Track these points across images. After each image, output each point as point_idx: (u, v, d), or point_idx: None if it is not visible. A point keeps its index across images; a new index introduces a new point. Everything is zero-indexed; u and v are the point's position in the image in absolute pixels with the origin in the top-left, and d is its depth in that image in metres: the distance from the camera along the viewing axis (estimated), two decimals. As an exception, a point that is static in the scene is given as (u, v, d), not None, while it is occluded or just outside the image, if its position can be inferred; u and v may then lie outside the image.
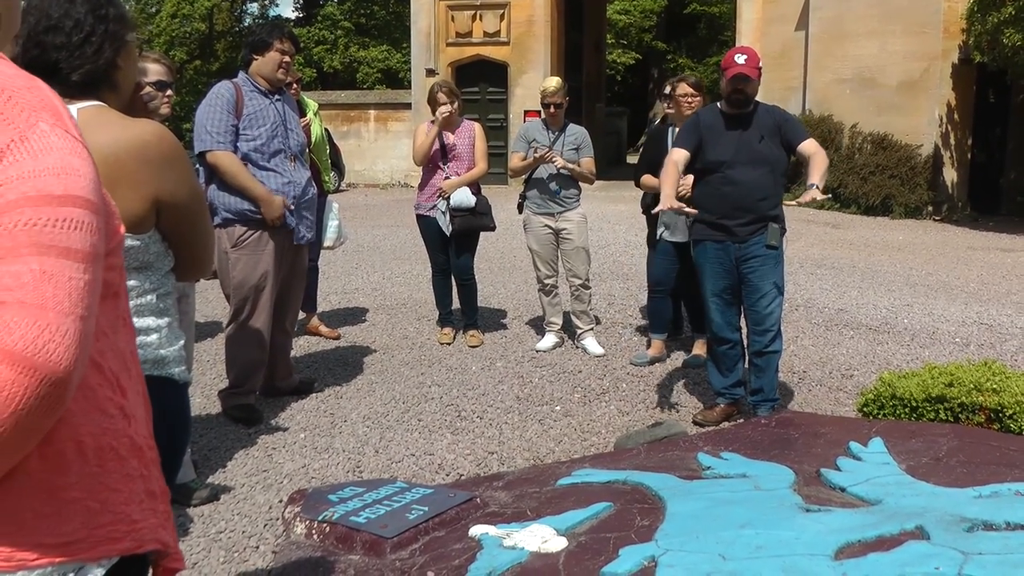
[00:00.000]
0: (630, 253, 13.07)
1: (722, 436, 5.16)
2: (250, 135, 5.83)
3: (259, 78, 5.99)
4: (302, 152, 6.24)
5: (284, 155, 5.99)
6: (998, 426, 5.01)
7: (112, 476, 1.52)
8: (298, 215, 6.04)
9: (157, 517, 1.63)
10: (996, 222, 18.59)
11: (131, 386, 1.61)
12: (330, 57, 36.08)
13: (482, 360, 7.46)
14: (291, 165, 6.03)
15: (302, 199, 6.07)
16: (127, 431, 1.56)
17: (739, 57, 5.71)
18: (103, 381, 1.52)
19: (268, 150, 5.89)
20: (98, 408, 1.50)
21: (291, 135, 6.08)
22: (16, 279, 1.27)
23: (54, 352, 1.26)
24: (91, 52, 2.45)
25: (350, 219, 12.32)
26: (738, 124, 5.78)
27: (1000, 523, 3.62)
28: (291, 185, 5.98)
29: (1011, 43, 16.21)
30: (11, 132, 1.33)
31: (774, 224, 5.72)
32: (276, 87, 6.07)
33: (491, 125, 23.15)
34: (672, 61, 44.11)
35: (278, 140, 5.95)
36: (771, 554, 3.39)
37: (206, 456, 5.29)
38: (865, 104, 19.13)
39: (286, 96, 6.24)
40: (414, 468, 5.22)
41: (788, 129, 5.81)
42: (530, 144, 7.58)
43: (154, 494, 1.63)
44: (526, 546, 3.60)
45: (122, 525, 1.53)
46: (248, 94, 5.92)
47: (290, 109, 6.21)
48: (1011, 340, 8.42)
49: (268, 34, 6.04)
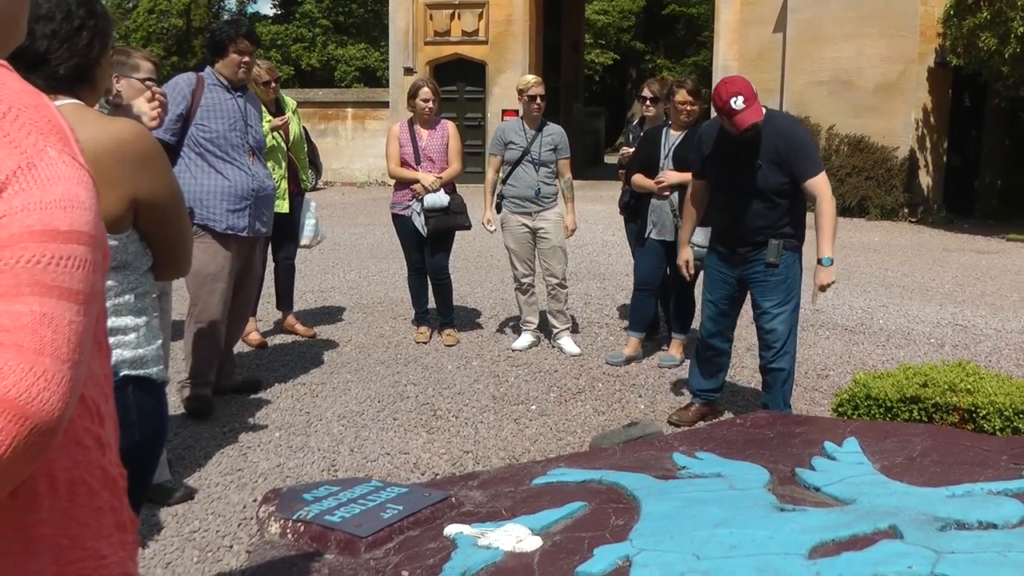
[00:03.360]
0: (607, 253, 13.09)
1: (697, 436, 5.17)
2: (206, 126, 5.89)
3: (222, 76, 6.06)
4: (260, 148, 6.27)
5: (242, 149, 6.04)
6: (972, 426, 5.04)
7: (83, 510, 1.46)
8: (258, 209, 6.08)
9: (125, 550, 1.58)
10: (971, 224, 18.71)
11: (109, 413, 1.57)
12: (308, 55, 36.02)
13: (458, 359, 7.45)
14: (249, 159, 6.08)
15: (260, 193, 6.09)
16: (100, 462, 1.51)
17: (736, 101, 5.26)
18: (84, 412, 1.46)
19: (226, 143, 5.95)
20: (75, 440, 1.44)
21: (251, 131, 6.13)
22: (15, 320, 1.21)
23: (47, 401, 1.20)
24: (81, 45, 2.41)
25: (327, 217, 12.31)
26: (739, 147, 5.48)
27: (973, 522, 3.64)
28: (251, 179, 6.02)
29: (986, 47, 16.34)
30: (18, 158, 1.26)
31: (774, 240, 5.52)
32: (238, 86, 6.12)
33: (469, 124, 23.14)
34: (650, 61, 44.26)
35: (236, 135, 6.00)
36: (745, 553, 3.40)
37: (180, 455, 5.26)
38: (842, 106, 19.22)
39: (249, 95, 6.30)
40: (389, 467, 5.21)
41: (794, 163, 5.43)
42: (506, 146, 7.58)
43: (124, 526, 1.58)
44: (501, 545, 3.59)
45: (91, 561, 1.48)
46: (210, 87, 6.00)
47: (252, 107, 6.24)
48: (985, 341, 8.47)
49: (224, 36, 6.07)
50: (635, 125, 8.44)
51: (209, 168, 5.90)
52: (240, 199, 5.95)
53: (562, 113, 25.82)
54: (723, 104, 5.30)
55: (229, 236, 5.92)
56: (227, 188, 5.90)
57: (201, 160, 5.89)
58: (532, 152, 7.48)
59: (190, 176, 5.82)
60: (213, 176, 5.90)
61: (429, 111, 7.63)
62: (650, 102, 7.80)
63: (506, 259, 8.04)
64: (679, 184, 6.99)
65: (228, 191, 5.90)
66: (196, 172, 5.88)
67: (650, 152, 7.26)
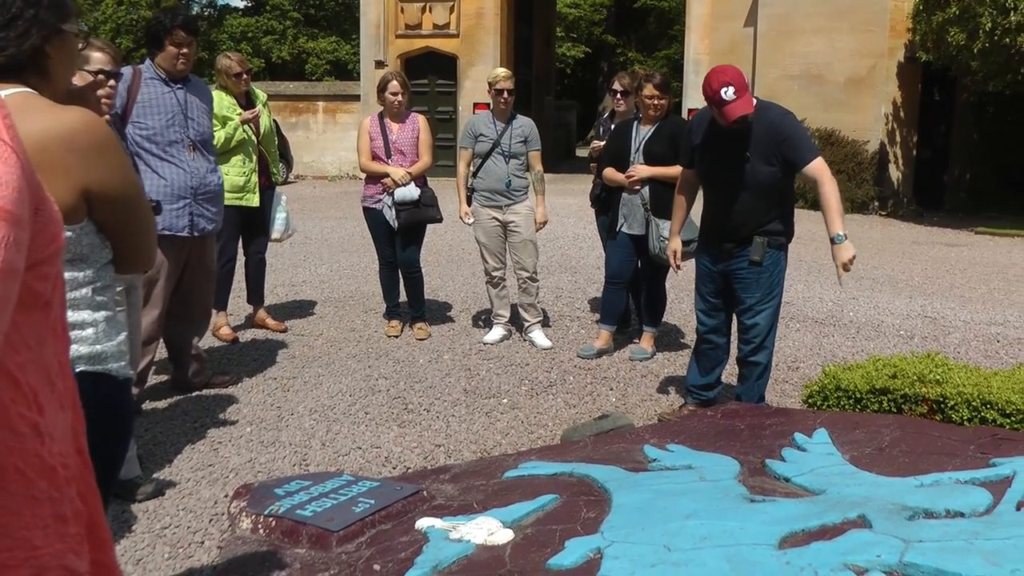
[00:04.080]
0: (578, 246, 13.11)
1: (668, 428, 5.18)
2: (143, 124, 5.76)
3: (160, 68, 5.93)
4: (204, 142, 6.10)
5: (182, 145, 5.90)
6: (940, 417, 5.08)
7: (14, 498, 1.44)
8: (199, 206, 5.97)
9: (65, 542, 1.56)
10: (940, 217, 18.87)
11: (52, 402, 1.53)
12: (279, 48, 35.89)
13: (429, 353, 7.44)
14: (190, 155, 5.94)
15: (201, 190, 5.97)
16: (38, 451, 1.49)
17: (727, 92, 5.15)
18: (18, 397, 1.44)
19: (163, 139, 5.81)
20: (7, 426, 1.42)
21: (191, 124, 5.97)
22: None
23: None
24: (14, 35, 2.34)
25: (298, 211, 12.24)
26: (728, 137, 5.39)
27: (940, 511, 3.69)
28: (189, 175, 5.90)
29: (955, 42, 16.48)
30: None
31: (759, 238, 5.46)
32: (178, 78, 5.98)
33: (440, 118, 23.12)
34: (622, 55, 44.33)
35: (175, 130, 5.86)
36: (715, 544, 3.42)
37: (151, 451, 5.22)
38: (813, 100, 19.30)
39: (192, 84, 6.10)
40: (361, 461, 5.20)
41: (789, 149, 5.34)
42: (476, 139, 7.58)
43: (64, 517, 1.56)
44: (472, 539, 3.60)
45: (20, 551, 1.45)
46: (147, 81, 5.83)
47: (196, 97, 6.07)
48: (954, 333, 8.54)
49: (160, 28, 5.91)
50: (606, 118, 8.44)
51: (145, 168, 5.75)
52: (177, 198, 5.82)
53: (533, 106, 25.84)
54: (713, 94, 5.22)
55: (167, 237, 5.75)
56: (163, 188, 5.77)
57: (137, 159, 5.71)
58: (502, 145, 7.48)
59: None
60: (149, 175, 5.75)
61: (398, 105, 7.62)
62: (620, 96, 7.81)
63: (477, 253, 8.03)
64: (650, 178, 7.01)
65: (164, 191, 5.76)
66: None
67: (621, 146, 7.27)
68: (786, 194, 5.59)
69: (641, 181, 7.05)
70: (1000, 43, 15.82)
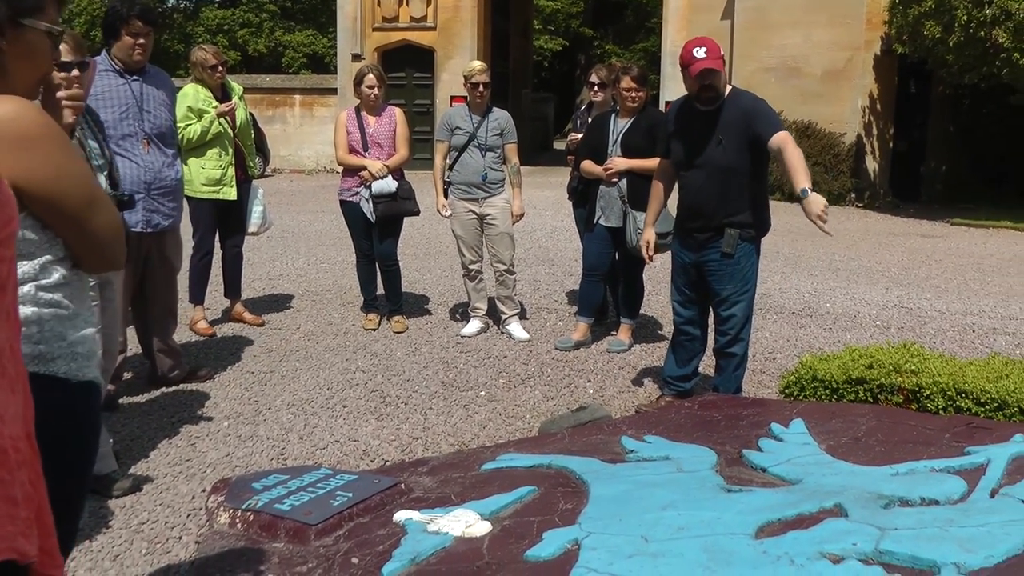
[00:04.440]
0: (556, 238, 13.11)
1: (645, 419, 5.19)
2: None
3: (116, 59, 5.83)
4: (161, 136, 6.01)
5: (136, 139, 5.83)
6: (916, 406, 5.11)
7: None
8: (154, 202, 5.91)
9: (16, 525, 1.54)
10: (916, 209, 18.98)
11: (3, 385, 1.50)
12: (255, 40, 35.73)
13: (407, 346, 7.44)
14: (144, 149, 5.87)
15: (156, 185, 5.91)
16: None
17: (699, 51, 5.28)
18: None
19: (116, 133, 5.71)
20: None
21: (146, 117, 5.88)
22: None
23: None
24: None
25: (275, 204, 12.21)
26: (700, 122, 5.45)
27: (916, 499, 3.72)
28: (143, 170, 5.84)
29: (931, 35, 16.57)
30: None
31: (731, 230, 5.47)
32: (135, 69, 5.88)
33: (417, 111, 23.07)
34: (599, 47, 44.32)
35: (128, 123, 5.79)
36: (693, 535, 3.43)
37: (128, 446, 5.20)
38: (790, 93, 19.35)
39: (150, 75, 6.00)
40: (338, 454, 5.19)
41: (757, 123, 5.31)
42: (453, 131, 7.57)
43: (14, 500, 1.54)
44: (450, 531, 3.60)
45: None
46: (101, 74, 5.71)
47: (153, 89, 5.97)
48: (930, 323, 8.59)
49: (116, 18, 5.79)
50: (583, 111, 8.44)
51: None
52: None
53: (511, 99, 25.80)
54: (686, 54, 5.32)
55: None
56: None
57: None
58: (478, 137, 7.47)
59: None
60: None
61: (375, 98, 7.60)
62: (598, 88, 7.81)
63: (454, 246, 8.03)
64: (627, 170, 7.03)
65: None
66: None
67: (598, 138, 7.28)
68: (759, 185, 5.59)
69: (618, 173, 7.06)
70: (975, 36, 15.91)
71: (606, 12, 44.97)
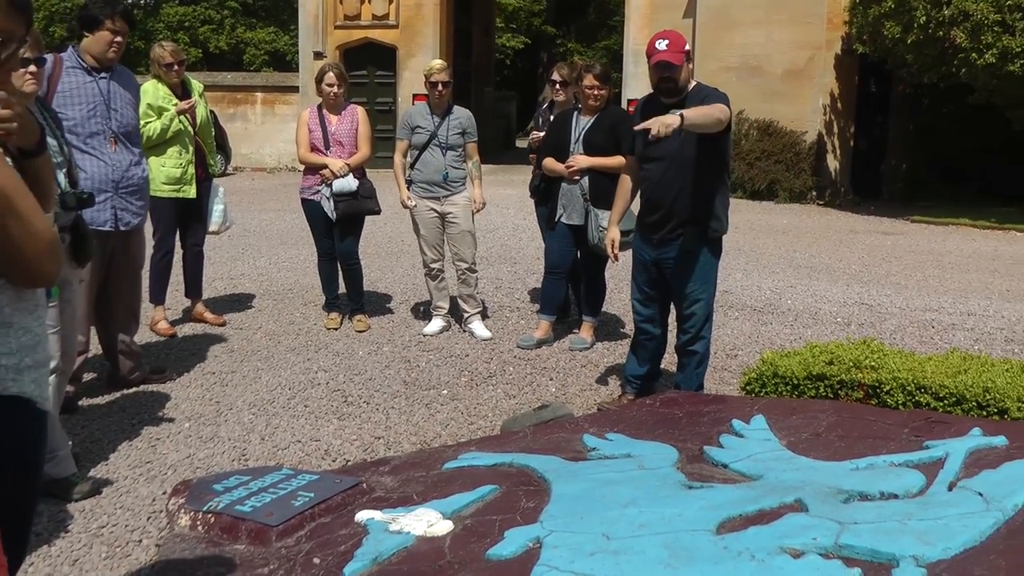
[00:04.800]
0: (518, 237, 13.12)
1: (607, 417, 5.20)
2: (63, 114, 5.51)
3: (88, 55, 5.76)
4: (127, 134, 5.96)
5: (103, 137, 5.77)
6: (875, 401, 5.15)
7: None
8: (122, 200, 5.86)
9: None
10: (877, 206, 19.13)
11: None
12: (216, 37, 35.47)
13: (369, 345, 7.42)
14: (112, 147, 5.81)
15: (124, 184, 5.86)
16: None
17: (660, 43, 5.36)
18: None
19: (84, 131, 5.67)
20: None
21: (114, 115, 5.83)
22: None
23: None
24: None
25: (236, 203, 12.15)
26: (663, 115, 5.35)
27: (875, 493, 3.75)
28: (111, 168, 5.79)
29: (891, 35, 16.74)
30: None
31: (691, 228, 5.47)
32: (105, 66, 5.82)
33: (380, 109, 23.01)
34: (561, 45, 44.36)
35: (96, 121, 5.73)
36: (654, 532, 3.44)
37: (88, 449, 5.14)
38: (751, 91, 19.46)
39: (117, 73, 5.94)
40: (300, 455, 5.17)
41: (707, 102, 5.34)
42: (413, 130, 7.55)
43: None
44: (412, 530, 3.60)
45: None
46: (68, 71, 5.67)
47: (120, 87, 5.92)
48: (890, 319, 8.66)
49: (100, 10, 5.74)
50: (545, 109, 8.44)
51: None
52: (98, 192, 5.62)
53: (473, 97, 25.79)
54: (648, 45, 5.41)
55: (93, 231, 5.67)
56: (83, 181, 5.48)
57: None
58: (439, 136, 7.45)
59: None
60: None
61: (335, 96, 7.58)
62: (560, 86, 7.81)
63: (416, 245, 8.01)
64: (589, 168, 7.04)
65: (84, 184, 5.49)
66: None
67: (560, 136, 7.28)
68: (719, 182, 5.58)
69: (580, 171, 7.07)
70: (934, 36, 16.08)
71: (568, 10, 45.01)
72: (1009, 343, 7.89)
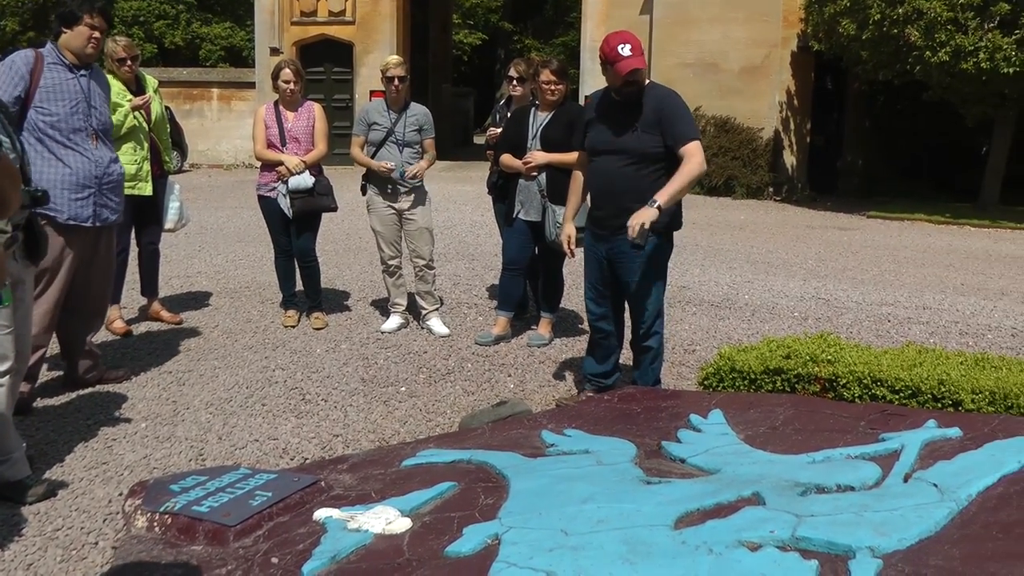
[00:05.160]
0: (476, 233, 13.11)
1: (565, 413, 5.20)
2: (46, 109, 5.55)
3: (67, 51, 5.71)
4: (105, 131, 5.94)
5: (85, 133, 5.72)
6: (832, 395, 5.18)
7: None
8: (104, 196, 5.82)
9: None
10: (833, 202, 19.32)
11: None
12: (171, 32, 35.11)
13: (327, 342, 7.38)
14: (93, 144, 5.77)
15: (105, 180, 5.83)
16: None
17: (623, 48, 5.28)
18: None
19: (67, 127, 5.63)
20: None
21: (94, 112, 5.79)
22: None
23: None
24: None
25: (193, 200, 12.04)
26: (618, 111, 5.47)
27: (831, 486, 3.77)
28: (94, 165, 5.74)
29: (846, 32, 16.93)
30: None
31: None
32: (85, 63, 5.78)
33: (337, 106, 22.95)
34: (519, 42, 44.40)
35: (79, 117, 5.69)
36: (612, 527, 3.44)
37: (42, 450, 5.07)
38: (708, 88, 19.59)
39: (95, 72, 5.93)
40: (258, 454, 5.14)
41: (672, 124, 5.36)
42: (370, 127, 7.52)
43: None
44: (370, 528, 3.59)
45: None
46: (49, 66, 5.62)
47: (97, 85, 5.90)
48: (847, 313, 8.73)
49: (79, 7, 5.69)
50: (502, 105, 8.43)
51: (49, 155, 5.58)
52: (82, 187, 5.66)
53: (431, 94, 25.76)
54: (610, 50, 5.32)
55: (71, 227, 5.64)
56: (68, 176, 5.61)
57: (41, 146, 5.56)
58: (396, 133, 7.42)
59: (27, 163, 5.50)
60: (53, 164, 5.59)
61: (291, 93, 7.54)
62: (517, 82, 7.80)
63: (373, 242, 7.98)
64: (547, 164, 7.04)
65: (69, 179, 5.61)
66: (35, 159, 5.49)
67: (518, 132, 7.28)
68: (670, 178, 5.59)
69: (538, 167, 7.07)
70: (889, 34, 16.26)
71: (525, 6, 45.11)
72: (963, 336, 7.97)
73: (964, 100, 16.97)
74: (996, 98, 16.66)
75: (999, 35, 15.41)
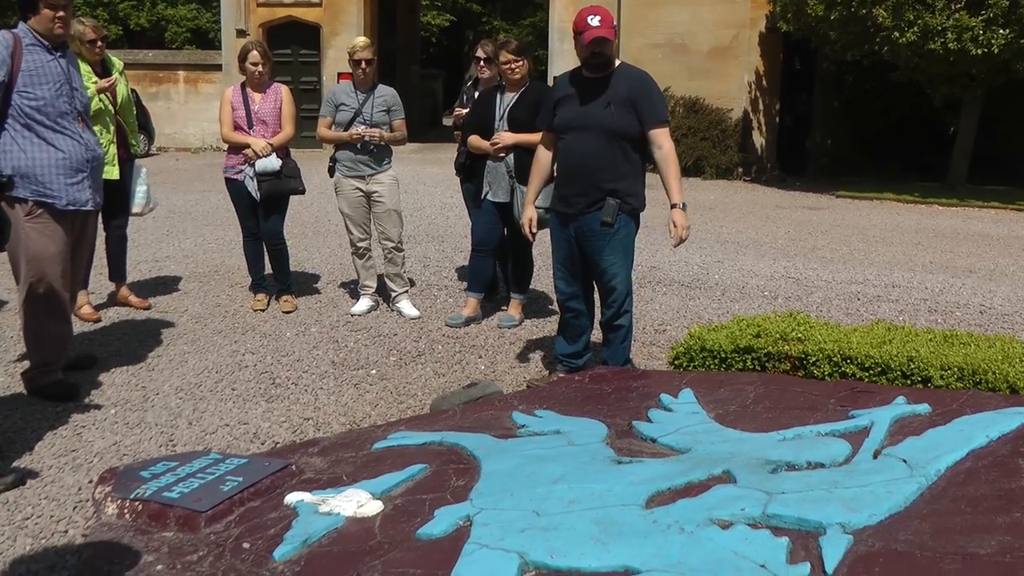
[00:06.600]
0: (445, 215, 13.09)
1: (536, 394, 5.20)
2: (31, 93, 5.38)
3: (38, 33, 5.53)
4: (87, 112, 5.85)
5: (71, 116, 5.59)
6: (802, 373, 5.22)
7: None
8: (93, 180, 5.73)
9: None
10: (802, 182, 19.41)
11: None
12: (137, 14, 34.77)
13: (296, 326, 7.35)
14: (80, 126, 5.66)
15: (95, 162, 5.74)
16: None
17: (593, 19, 5.34)
18: None
19: (54, 110, 5.48)
20: None
21: (76, 95, 5.67)
22: None
23: None
24: None
25: (160, 184, 11.98)
26: (590, 89, 5.49)
27: (802, 463, 3.79)
28: (83, 147, 5.64)
29: (814, 13, 16.97)
30: None
31: (611, 200, 5.44)
32: (57, 44, 5.60)
33: (304, 88, 22.82)
34: (487, 23, 44.23)
35: (63, 100, 5.54)
36: (584, 507, 3.45)
37: (11, 439, 5.01)
38: (677, 69, 19.61)
39: (69, 53, 5.77)
40: (228, 438, 5.10)
41: (640, 107, 5.43)
42: (337, 108, 7.48)
43: None
44: (342, 511, 3.58)
45: None
46: (28, 48, 5.44)
47: (73, 67, 5.76)
48: (816, 292, 8.78)
49: None
50: (470, 86, 8.40)
51: (39, 140, 5.43)
52: (76, 171, 5.55)
53: (399, 76, 25.68)
54: (580, 20, 5.38)
55: (68, 212, 5.55)
56: (62, 160, 5.48)
57: (29, 131, 5.40)
58: (364, 114, 7.38)
59: (18, 149, 5.35)
60: (44, 148, 5.44)
61: (259, 75, 7.49)
62: (484, 63, 7.76)
63: (342, 224, 7.95)
64: (514, 145, 7.02)
65: (63, 163, 5.49)
66: (25, 145, 5.38)
67: (485, 113, 7.26)
68: (640, 157, 5.60)
69: (506, 148, 7.06)
70: (857, 14, 16.32)
71: (494, -12, 44.92)
72: (932, 313, 8.03)
73: (932, 80, 17.06)
74: (964, 78, 16.77)
75: (966, 15, 15.49)
